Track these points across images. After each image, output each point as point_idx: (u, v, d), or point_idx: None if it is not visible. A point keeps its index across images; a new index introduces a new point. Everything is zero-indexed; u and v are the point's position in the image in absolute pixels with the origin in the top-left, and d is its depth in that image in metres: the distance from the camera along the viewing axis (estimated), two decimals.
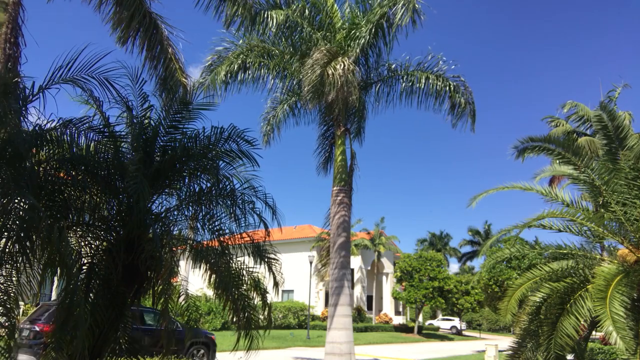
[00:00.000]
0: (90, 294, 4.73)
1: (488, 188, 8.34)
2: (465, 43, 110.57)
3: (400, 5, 10.07)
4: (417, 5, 10.00)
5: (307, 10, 10.87)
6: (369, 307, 39.29)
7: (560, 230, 7.35)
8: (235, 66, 11.42)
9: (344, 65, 9.58)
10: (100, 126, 5.01)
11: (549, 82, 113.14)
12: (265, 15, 10.31)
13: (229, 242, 5.57)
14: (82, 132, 4.67)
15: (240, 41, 11.54)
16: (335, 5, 11.53)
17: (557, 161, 7.90)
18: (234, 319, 5.31)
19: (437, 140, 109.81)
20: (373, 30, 10.53)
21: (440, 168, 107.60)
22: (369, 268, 39.58)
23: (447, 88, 11.46)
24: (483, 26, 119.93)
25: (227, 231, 5.55)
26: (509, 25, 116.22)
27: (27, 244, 3.82)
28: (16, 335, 4.40)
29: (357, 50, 10.56)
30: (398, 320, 40.55)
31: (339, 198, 11.17)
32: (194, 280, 7.59)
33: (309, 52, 10.90)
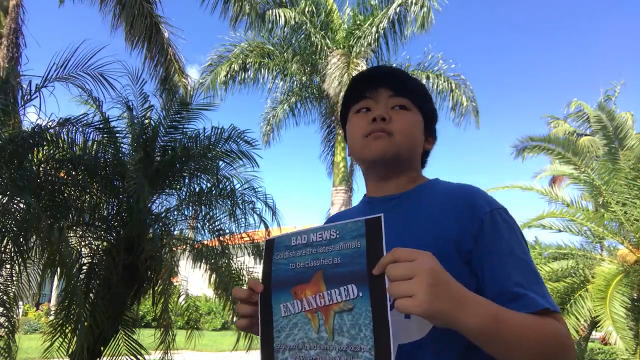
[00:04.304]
0: (90, 294, 4.74)
1: (488, 187, 8.34)
2: (464, 42, 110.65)
3: (412, 10, 10.09)
4: (432, 16, 10.09)
5: (312, 8, 10.87)
6: None
7: (560, 230, 7.35)
8: (236, 67, 11.43)
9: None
10: (100, 125, 5.01)
11: (549, 82, 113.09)
12: (273, 14, 10.29)
13: (229, 242, 5.57)
14: (81, 130, 4.67)
15: (242, 44, 11.55)
16: (335, 5, 11.54)
17: (557, 161, 7.90)
18: (234, 319, 5.31)
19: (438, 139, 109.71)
20: (376, 31, 10.55)
21: (440, 168, 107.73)
22: None
23: (448, 86, 11.45)
24: (482, 25, 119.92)
25: (227, 231, 5.56)
26: (509, 24, 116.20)
27: (27, 244, 3.82)
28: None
29: (363, 50, 10.60)
30: None
31: (339, 198, 11.17)
32: (194, 280, 7.59)
33: (311, 53, 10.92)
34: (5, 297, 4.17)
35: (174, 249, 5.36)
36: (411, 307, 0.64)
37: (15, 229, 3.74)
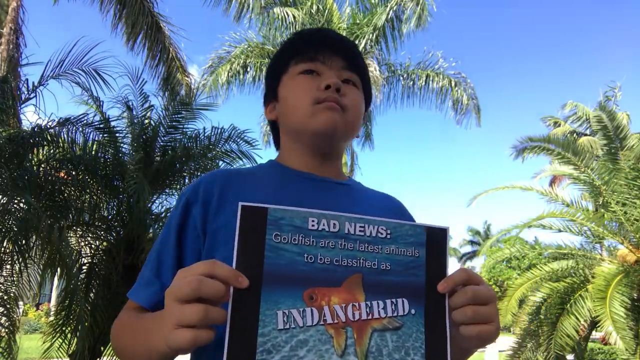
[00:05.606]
0: (90, 294, 4.74)
1: (488, 188, 8.35)
2: (464, 42, 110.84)
3: (408, 7, 10.12)
4: (427, 12, 10.14)
5: (318, 7, 10.87)
6: None
7: (560, 230, 7.35)
8: (236, 67, 11.45)
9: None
10: (100, 125, 5.02)
11: (549, 82, 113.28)
12: (282, 12, 10.30)
13: None
14: (81, 130, 4.67)
15: (242, 44, 11.57)
16: (335, 5, 11.54)
17: (557, 161, 7.90)
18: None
19: (437, 140, 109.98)
20: (375, 31, 10.56)
21: (440, 168, 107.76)
22: None
23: (449, 85, 11.43)
24: (482, 24, 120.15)
25: None
26: (509, 23, 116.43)
27: (27, 244, 3.82)
28: None
29: (363, 50, 10.64)
30: None
31: None
32: None
33: None
34: (5, 297, 4.17)
35: None
36: (493, 334, 0.60)
37: (15, 229, 3.75)
